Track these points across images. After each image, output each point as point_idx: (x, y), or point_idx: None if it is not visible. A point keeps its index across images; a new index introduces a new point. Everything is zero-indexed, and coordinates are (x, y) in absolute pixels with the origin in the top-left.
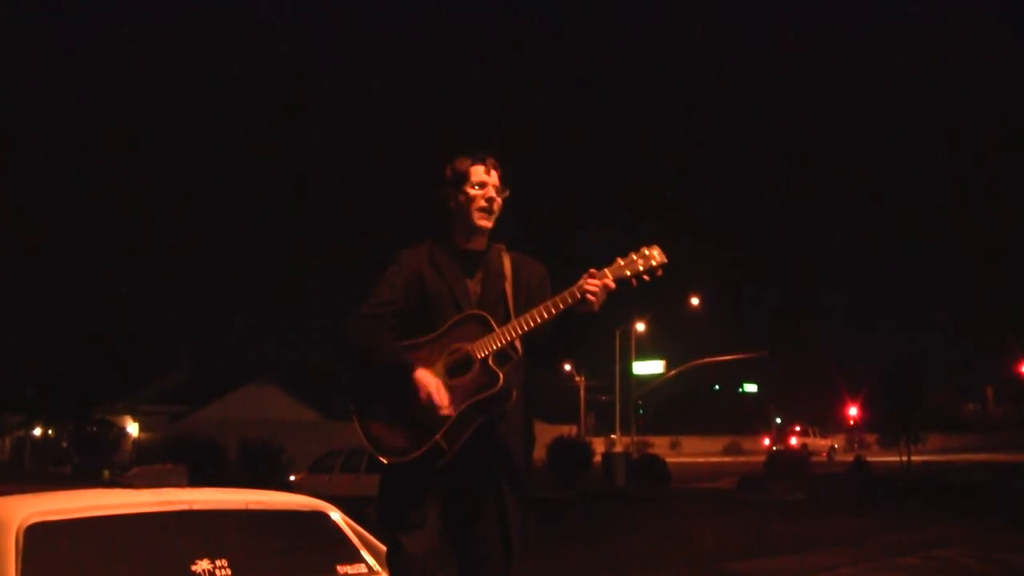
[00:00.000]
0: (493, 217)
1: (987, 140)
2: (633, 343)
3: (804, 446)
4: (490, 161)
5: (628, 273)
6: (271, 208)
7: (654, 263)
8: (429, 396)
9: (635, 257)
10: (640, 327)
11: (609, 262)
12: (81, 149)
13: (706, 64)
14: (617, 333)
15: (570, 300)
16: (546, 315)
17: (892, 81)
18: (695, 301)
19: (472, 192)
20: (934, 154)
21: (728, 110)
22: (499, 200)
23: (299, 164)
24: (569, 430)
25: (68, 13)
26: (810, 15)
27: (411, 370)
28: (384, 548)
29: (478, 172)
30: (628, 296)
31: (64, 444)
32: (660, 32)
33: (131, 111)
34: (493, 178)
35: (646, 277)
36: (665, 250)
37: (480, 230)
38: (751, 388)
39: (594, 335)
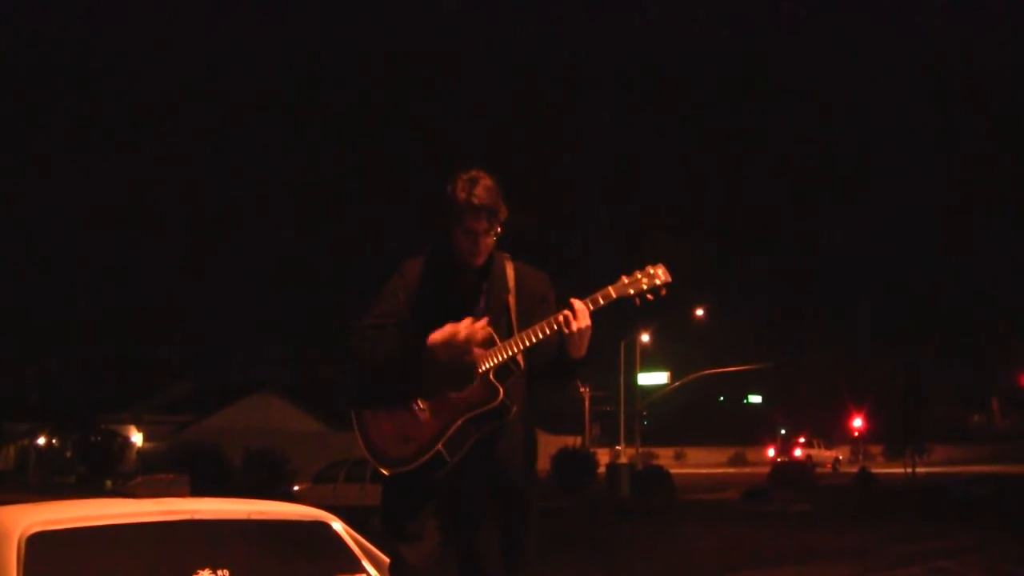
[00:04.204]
0: (484, 255)
1: (989, 149)
2: (638, 353)
3: (809, 457)
4: (487, 208)
5: (632, 292)
6: (278, 217)
7: (658, 282)
8: (456, 332)
9: (639, 276)
10: (645, 338)
11: (613, 277)
12: (84, 156)
13: (709, 71)
14: (622, 344)
15: (563, 320)
16: (548, 331)
17: (889, 94)
18: (700, 312)
19: (463, 237)
20: (935, 162)
21: (734, 119)
22: (489, 242)
23: (303, 171)
24: (574, 441)
25: (65, 12)
26: (812, 19)
27: (426, 342)
28: (387, 559)
29: (469, 218)
30: (633, 307)
31: (68, 453)
32: (662, 35)
33: (132, 115)
34: (483, 225)
35: (650, 297)
36: (670, 269)
37: (469, 264)
38: (756, 399)
39: (600, 350)
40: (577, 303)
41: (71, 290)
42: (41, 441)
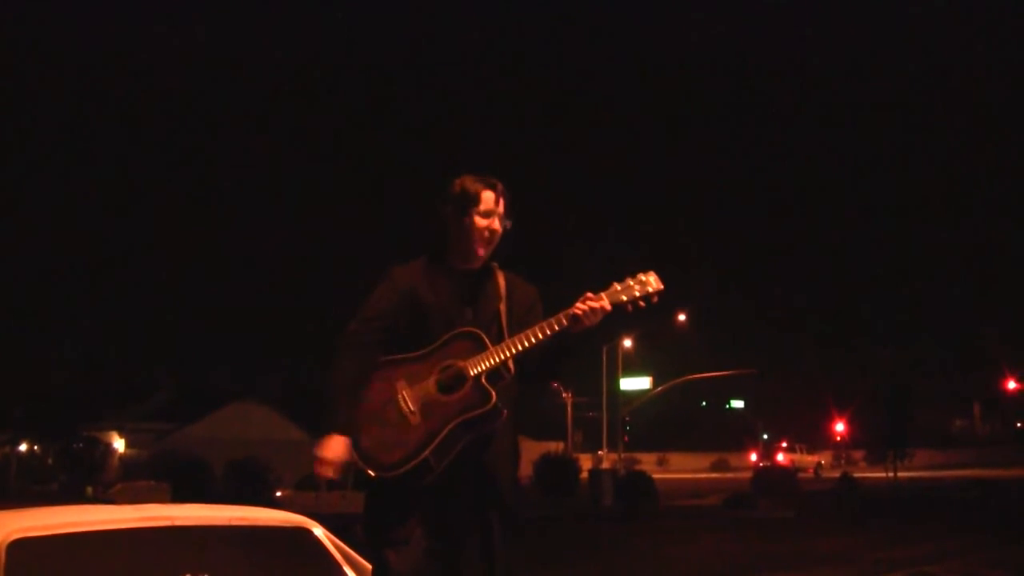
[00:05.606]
0: (492, 247)
1: (972, 162)
2: (620, 359)
3: (792, 462)
4: (500, 188)
5: (624, 299)
6: (264, 224)
7: (650, 290)
8: (320, 460)
9: (631, 283)
10: (627, 343)
11: (604, 284)
12: (64, 160)
13: (696, 79)
14: (604, 349)
15: (565, 322)
16: (541, 336)
17: (881, 92)
18: (682, 317)
19: (478, 220)
20: (917, 173)
21: (722, 126)
22: (500, 232)
23: (291, 181)
24: (556, 447)
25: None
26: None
27: (332, 429)
28: (368, 565)
29: (488, 200)
30: (622, 313)
31: (50, 461)
32: (654, 48)
33: (120, 120)
34: (500, 208)
35: (641, 304)
36: (661, 276)
37: (478, 258)
38: (738, 404)
39: (581, 354)
40: (590, 295)
41: (53, 297)
42: (23, 448)
